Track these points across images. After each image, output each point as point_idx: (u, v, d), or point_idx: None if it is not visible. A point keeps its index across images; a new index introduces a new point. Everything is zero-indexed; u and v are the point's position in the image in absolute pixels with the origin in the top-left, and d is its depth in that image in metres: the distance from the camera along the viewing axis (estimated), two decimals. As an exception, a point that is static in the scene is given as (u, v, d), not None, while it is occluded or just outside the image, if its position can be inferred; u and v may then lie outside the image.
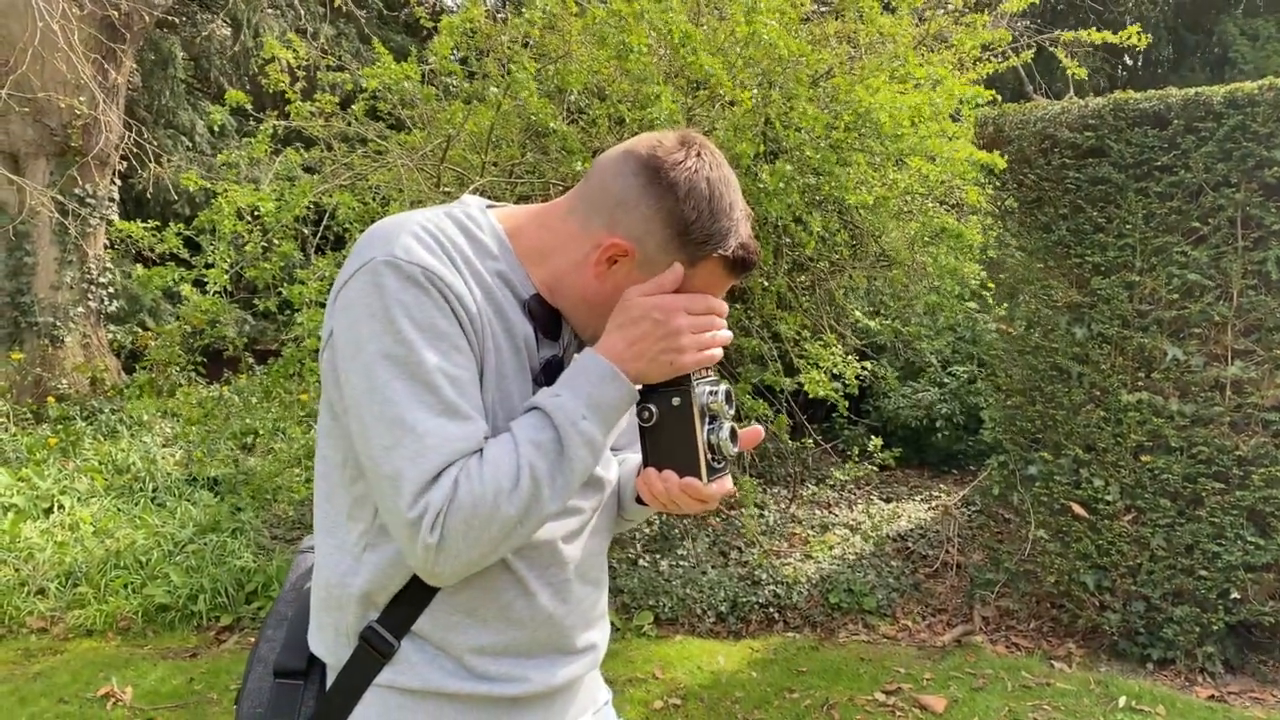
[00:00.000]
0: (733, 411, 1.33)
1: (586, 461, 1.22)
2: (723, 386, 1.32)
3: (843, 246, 5.49)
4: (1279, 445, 4.20)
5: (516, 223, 1.33)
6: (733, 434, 1.32)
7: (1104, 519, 4.55)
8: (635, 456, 1.49)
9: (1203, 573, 4.33)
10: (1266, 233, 4.22)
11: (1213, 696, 4.23)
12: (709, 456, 1.29)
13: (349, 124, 4.90)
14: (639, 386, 1.29)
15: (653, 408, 1.28)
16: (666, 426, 1.29)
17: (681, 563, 5.22)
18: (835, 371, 5.20)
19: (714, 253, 1.24)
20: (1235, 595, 4.35)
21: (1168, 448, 4.40)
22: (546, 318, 1.30)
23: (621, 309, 1.25)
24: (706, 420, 1.30)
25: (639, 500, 1.43)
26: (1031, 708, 4.08)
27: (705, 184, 1.23)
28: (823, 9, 4.89)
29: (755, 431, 1.37)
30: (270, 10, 11.48)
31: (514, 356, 1.27)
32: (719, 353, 1.27)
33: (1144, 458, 4.46)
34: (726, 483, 1.34)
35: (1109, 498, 4.52)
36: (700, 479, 1.28)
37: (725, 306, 1.28)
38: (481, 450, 1.19)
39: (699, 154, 1.25)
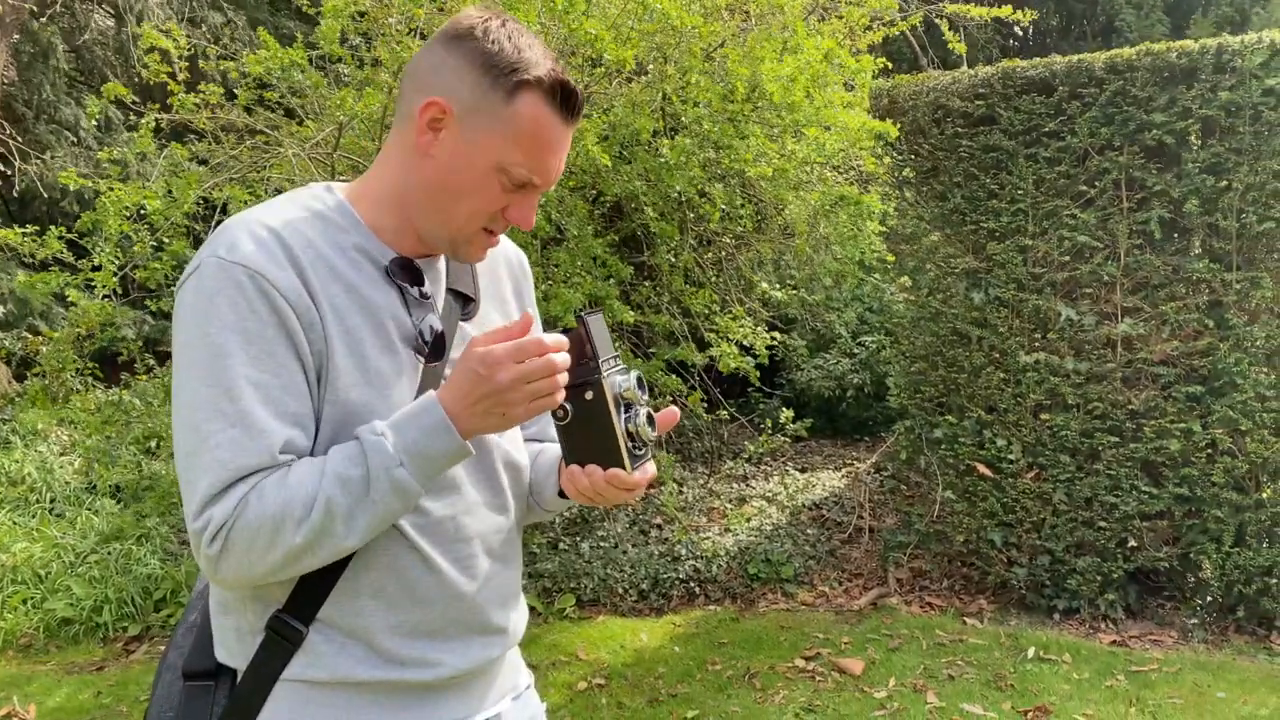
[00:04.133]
0: (646, 396, 1.31)
1: (393, 507, 1.19)
2: (633, 373, 1.30)
3: (747, 220, 5.53)
4: (1168, 398, 4.38)
5: (361, 188, 1.32)
6: (650, 418, 1.30)
7: (1008, 477, 4.69)
8: (554, 447, 1.46)
9: (1102, 524, 4.49)
10: (1149, 194, 4.37)
11: (1115, 641, 4.41)
12: (630, 445, 1.28)
13: (236, 115, 4.75)
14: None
15: (566, 405, 1.26)
16: (583, 421, 1.27)
17: (601, 544, 5.23)
18: (746, 344, 5.25)
19: (526, 76, 1.21)
20: (1133, 544, 4.53)
21: (1065, 405, 4.55)
22: (407, 276, 1.28)
23: (462, 357, 1.21)
24: (622, 409, 1.28)
25: (562, 494, 1.42)
26: (945, 664, 4.20)
27: (502, 26, 1.24)
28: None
29: (672, 413, 1.36)
30: (154, -2, 11.05)
31: (376, 334, 1.24)
32: (558, 397, 1.21)
33: (1043, 416, 4.60)
34: (650, 468, 1.33)
35: (1011, 456, 4.66)
36: (625, 469, 1.27)
37: (563, 341, 1.21)
38: (288, 466, 1.17)
39: (496, 14, 1.26)
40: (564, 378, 1.20)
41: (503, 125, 1.22)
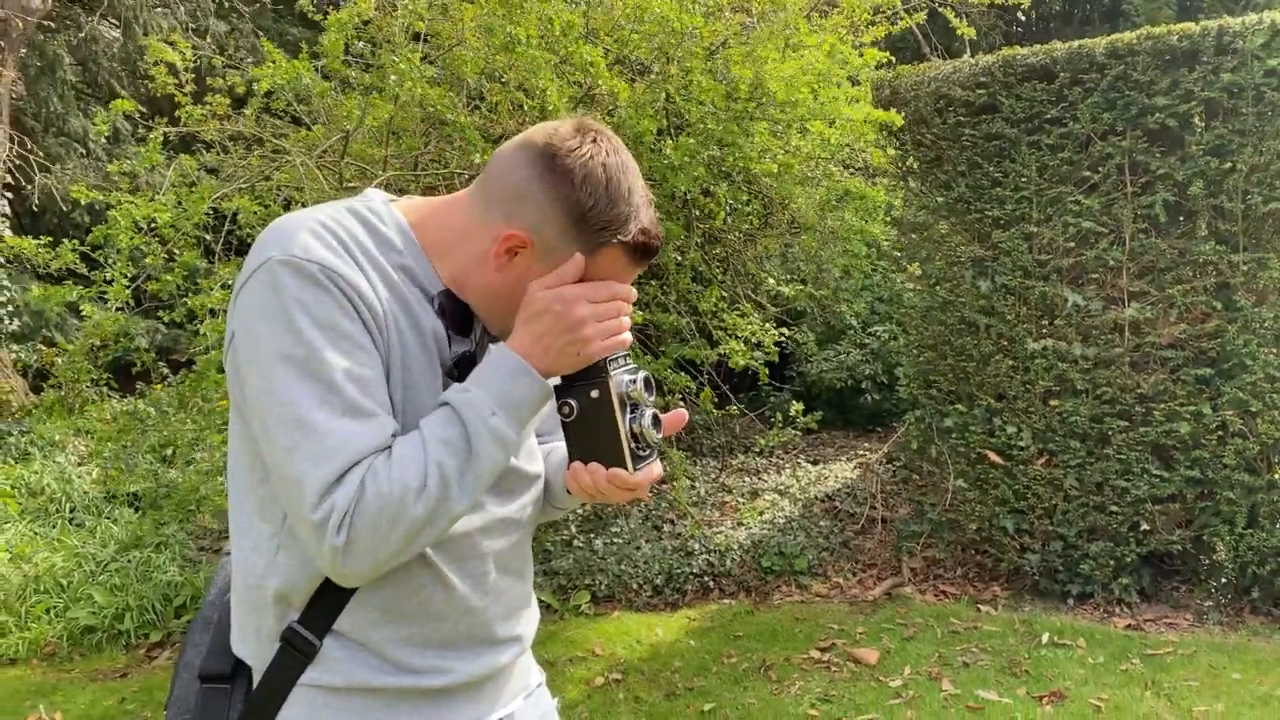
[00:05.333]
0: (653, 397, 1.32)
1: (497, 458, 1.21)
2: (641, 373, 1.31)
3: (753, 216, 5.54)
4: (1177, 381, 4.38)
5: (420, 215, 1.32)
6: (655, 420, 1.31)
7: (1019, 464, 4.70)
8: (563, 446, 1.47)
9: (1114, 508, 4.50)
10: (1152, 177, 4.37)
11: (1130, 625, 4.41)
12: (633, 445, 1.29)
13: (244, 125, 4.79)
14: (556, 380, 1.29)
15: (572, 402, 1.28)
16: (588, 420, 1.28)
17: (615, 540, 5.26)
18: (755, 340, 5.27)
19: (613, 239, 1.22)
20: (1145, 527, 4.54)
21: (1074, 391, 4.55)
22: (457, 313, 1.29)
23: (526, 304, 1.24)
24: (628, 409, 1.29)
25: (569, 491, 1.43)
26: (960, 651, 4.21)
27: (601, 169, 1.22)
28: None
29: (679, 415, 1.38)
30: (159, 9, 11.12)
31: (422, 353, 1.26)
32: (627, 337, 1.26)
33: (1052, 402, 4.61)
34: (655, 468, 1.33)
35: (1022, 443, 4.67)
36: (626, 469, 1.28)
37: (631, 291, 1.27)
38: (390, 448, 1.18)
39: (595, 140, 1.24)
40: (629, 320, 1.26)
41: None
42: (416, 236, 1.29)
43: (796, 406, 5.42)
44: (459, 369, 1.29)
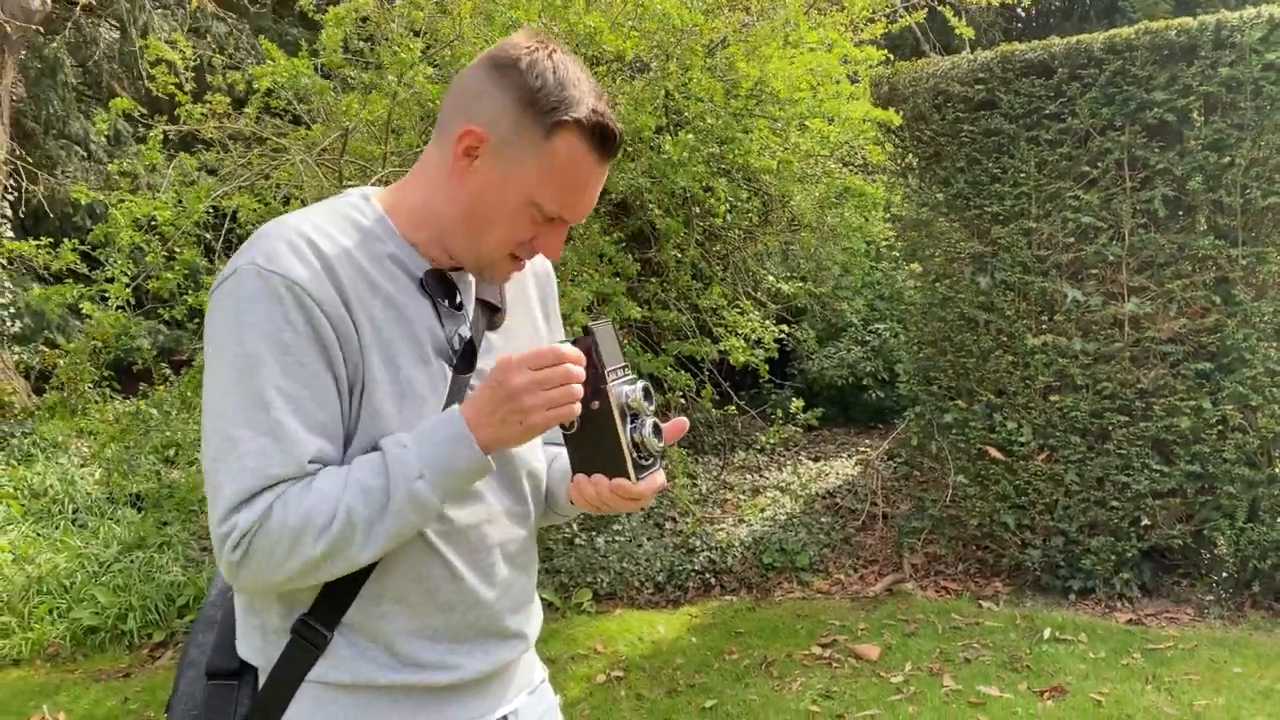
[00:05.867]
0: (653, 407, 1.32)
1: (410, 520, 1.20)
2: (639, 383, 1.31)
3: (753, 214, 5.55)
4: (1177, 376, 4.38)
5: (393, 197, 1.33)
6: (656, 429, 1.31)
7: (1019, 460, 4.70)
8: (565, 453, 1.48)
9: (1114, 503, 4.50)
10: (1151, 172, 4.37)
11: (1131, 620, 4.42)
12: (635, 455, 1.28)
13: (244, 124, 4.80)
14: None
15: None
16: (589, 432, 1.28)
17: (617, 538, 5.26)
18: (756, 337, 5.27)
19: (566, 117, 1.21)
20: (1146, 522, 4.54)
21: (1074, 386, 4.56)
22: (444, 289, 1.30)
23: (489, 371, 1.24)
24: (628, 419, 1.29)
25: (573, 502, 1.43)
26: (962, 647, 4.22)
27: (549, 59, 1.23)
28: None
29: (679, 424, 1.38)
30: (159, 10, 11.13)
31: (408, 345, 1.26)
32: (574, 409, 1.22)
33: (1052, 397, 4.61)
34: (658, 478, 1.33)
35: (1022, 439, 4.67)
36: (630, 479, 1.28)
37: (578, 355, 1.23)
38: (313, 476, 1.19)
39: (544, 43, 1.26)
40: (579, 389, 1.22)
41: (538, 161, 1.23)
42: (394, 221, 1.30)
43: (797, 403, 5.43)
44: (460, 358, 1.29)
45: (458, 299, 1.32)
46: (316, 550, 1.17)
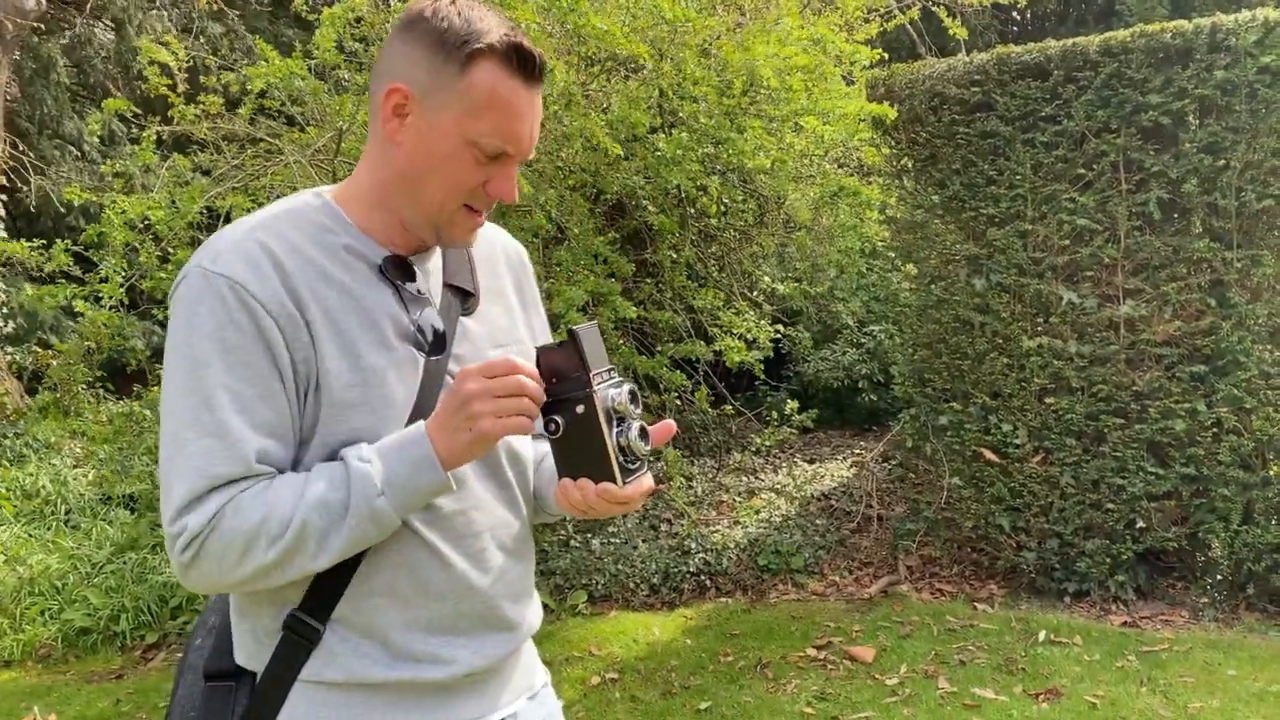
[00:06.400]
0: (639, 410, 1.31)
1: (368, 534, 1.20)
2: (626, 386, 1.30)
3: (749, 214, 5.54)
4: (1172, 379, 4.38)
5: (349, 188, 1.33)
6: (642, 432, 1.30)
7: (1014, 462, 4.70)
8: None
9: (1110, 506, 4.50)
10: (1147, 175, 4.37)
11: (1126, 623, 4.42)
12: (621, 459, 1.27)
13: (238, 125, 4.78)
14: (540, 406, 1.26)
15: (558, 419, 1.26)
16: (574, 436, 1.27)
17: (612, 540, 5.25)
18: (751, 338, 5.26)
19: (477, 45, 1.21)
20: (1141, 524, 4.54)
21: (1069, 388, 4.55)
22: (399, 274, 1.29)
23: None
24: (614, 423, 1.28)
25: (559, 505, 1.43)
26: (957, 649, 4.21)
27: (454, 4, 1.23)
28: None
29: (666, 427, 1.36)
30: (154, 11, 11.10)
31: (368, 331, 1.25)
32: (525, 422, 1.20)
33: (1048, 400, 4.61)
34: (645, 481, 1.32)
35: (1018, 441, 4.67)
36: (616, 483, 1.27)
37: (531, 370, 1.22)
38: (270, 479, 1.19)
39: None
40: (530, 403, 1.20)
41: (462, 98, 1.22)
42: (347, 211, 1.30)
43: (792, 405, 5.42)
44: (433, 345, 1.29)
45: (419, 284, 1.31)
46: (268, 558, 1.17)
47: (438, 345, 1.29)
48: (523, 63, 1.23)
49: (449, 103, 1.22)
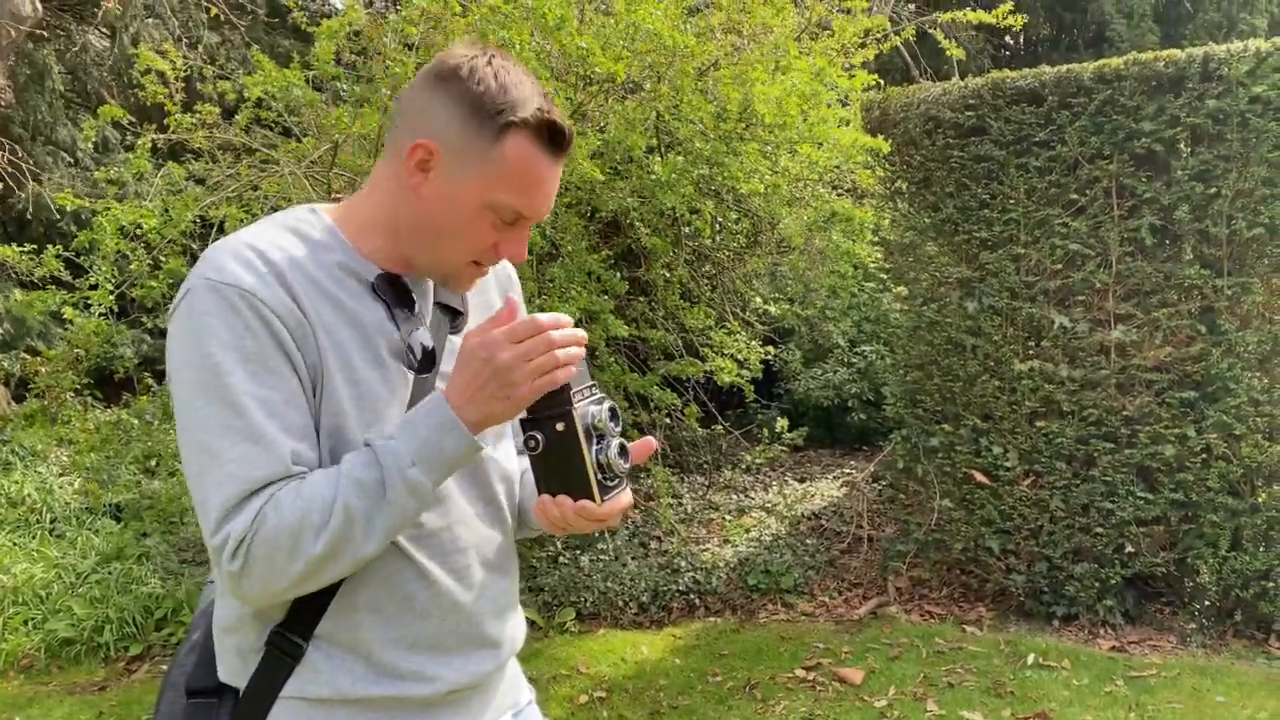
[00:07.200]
0: (619, 428, 1.32)
1: (410, 508, 1.20)
2: (606, 403, 1.31)
3: (742, 235, 5.56)
4: (1162, 404, 4.40)
5: (343, 210, 1.34)
6: (622, 450, 1.31)
7: (1004, 485, 4.70)
8: None
9: (1099, 530, 4.51)
10: (1139, 201, 4.40)
11: (1114, 647, 4.41)
12: (600, 476, 1.28)
13: (234, 134, 4.78)
14: (521, 422, 1.28)
15: (538, 435, 1.27)
16: (554, 452, 1.28)
17: (601, 557, 5.24)
18: (741, 358, 5.27)
19: (513, 118, 1.22)
20: (1130, 549, 4.54)
21: (1060, 412, 4.57)
22: (396, 294, 1.30)
23: (459, 352, 1.24)
24: (594, 440, 1.29)
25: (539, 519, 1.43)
26: (945, 672, 4.20)
27: (489, 66, 1.24)
28: (708, 1, 4.94)
29: (646, 444, 1.37)
30: (150, 19, 11.10)
31: (364, 349, 1.26)
32: (563, 374, 1.22)
33: (1038, 423, 4.62)
34: (624, 498, 1.33)
35: (1008, 464, 4.68)
36: (594, 500, 1.28)
37: (562, 319, 1.23)
38: (303, 477, 1.19)
39: (483, 51, 1.26)
40: (572, 351, 1.22)
41: (490, 166, 1.23)
42: (343, 230, 1.31)
43: (783, 423, 5.42)
44: (422, 363, 1.29)
45: (414, 304, 1.32)
46: (318, 548, 1.16)
47: (427, 363, 1.30)
48: (553, 137, 1.25)
49: (476, 167, 1.24)
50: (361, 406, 1.24)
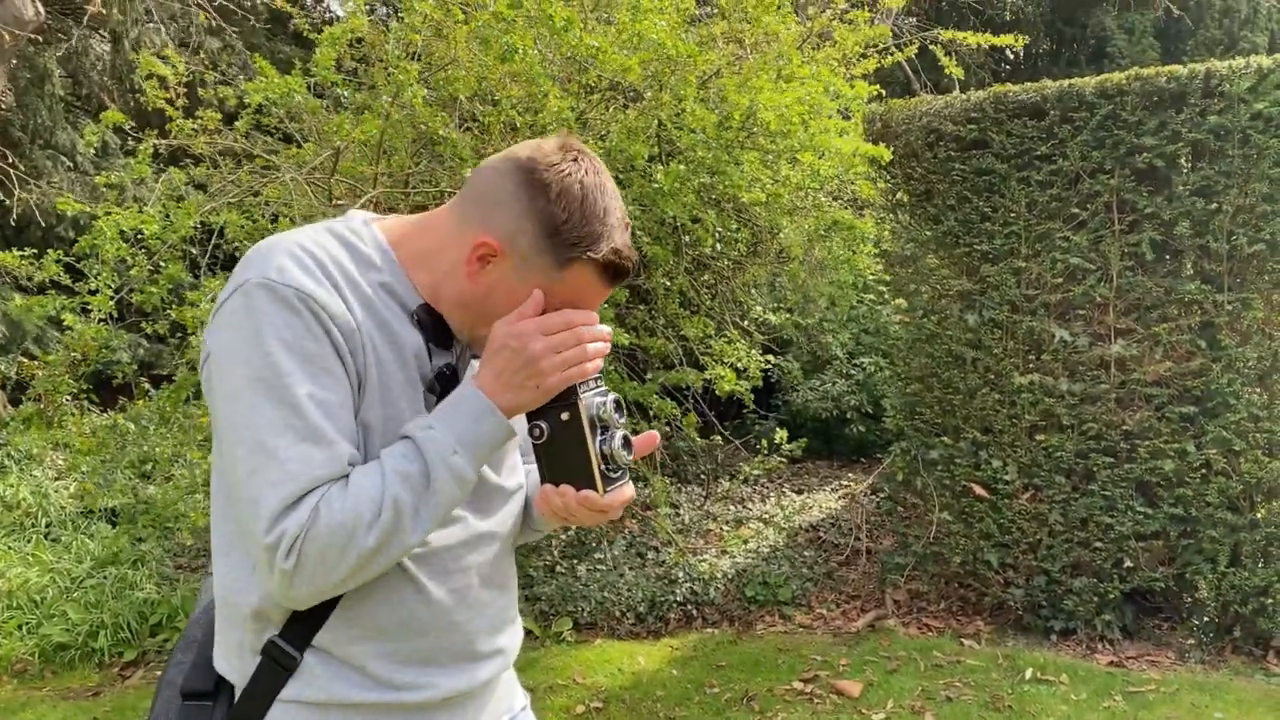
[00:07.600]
0: (623, 420, 1.34)
1: (455, 495, 1.23)
2: (611, 396, 1.33)
3: (742, 244, 5.55)
4: (1162, 419, 4.40)
5: (399, 233, 1.34)
6: (626, 442, 1.33)
7: (1004, 498, 4.70)
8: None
9: (1098, 544, 4.50)
10: (1140, 216, 4.41)
11: (1112, 662, 4.40)
12: (603, 467, 1.30)
13: (235, 139, 4.77)
14: (526, 413, 1.30)
15: (543, 425, 1.29)
16: (559, 442, 1.30)
17: (599, 567, 5.22)
18: (740, 367, 5.26)
19: (584, 255, 1.24)
20: (1128, 564, 4.54)
21: (1060, 426, 4.56)
22: (435, 326, 1.31)
23: (489, 341, 1.27)
24: (598, 431, 1.30)
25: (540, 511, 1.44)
26: (943, 685, 4.19)
27: (579, 187, 1.24)
28: (710, 11, 4.96)
29: (650, 437, 1.39)
30: (151, 24, 11.11)
31: (400, 370, 1.27)
32: (591, 366, 1.27)
33: (1038, 437, 4.62)
34: (626, 490, 1.34)
35: (1007, 477, 4.67)
36: (597, 491, 1.29)
37: (591, 316, 1.27)
38: (347, 477, 1.19)
39: (576, 159, 1.26)
40: (598, 346, 1.26)
41: (549, 281, 1.26)
42: (396, 253, 1.31)
43: (781, 434, 5.41)
44: (440, 384, 1.30)
45: (451, 340, 1.34)
46: (369, 542, 1.17)
47: (450, 385, 1.32)
48: (616, 275, 1.28)
49: (535, 277, 1.26)
50: (386, 428, 1.25)
